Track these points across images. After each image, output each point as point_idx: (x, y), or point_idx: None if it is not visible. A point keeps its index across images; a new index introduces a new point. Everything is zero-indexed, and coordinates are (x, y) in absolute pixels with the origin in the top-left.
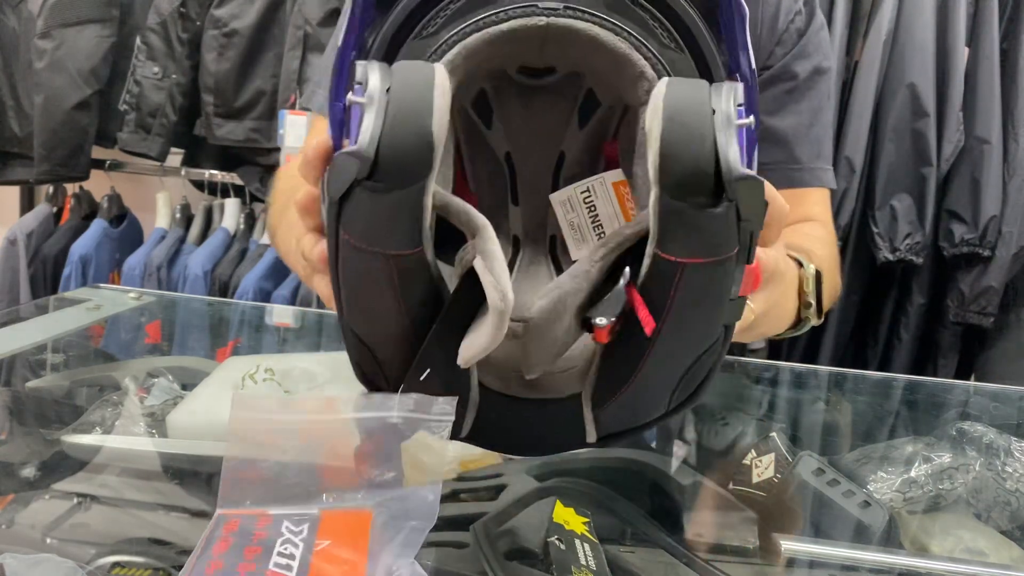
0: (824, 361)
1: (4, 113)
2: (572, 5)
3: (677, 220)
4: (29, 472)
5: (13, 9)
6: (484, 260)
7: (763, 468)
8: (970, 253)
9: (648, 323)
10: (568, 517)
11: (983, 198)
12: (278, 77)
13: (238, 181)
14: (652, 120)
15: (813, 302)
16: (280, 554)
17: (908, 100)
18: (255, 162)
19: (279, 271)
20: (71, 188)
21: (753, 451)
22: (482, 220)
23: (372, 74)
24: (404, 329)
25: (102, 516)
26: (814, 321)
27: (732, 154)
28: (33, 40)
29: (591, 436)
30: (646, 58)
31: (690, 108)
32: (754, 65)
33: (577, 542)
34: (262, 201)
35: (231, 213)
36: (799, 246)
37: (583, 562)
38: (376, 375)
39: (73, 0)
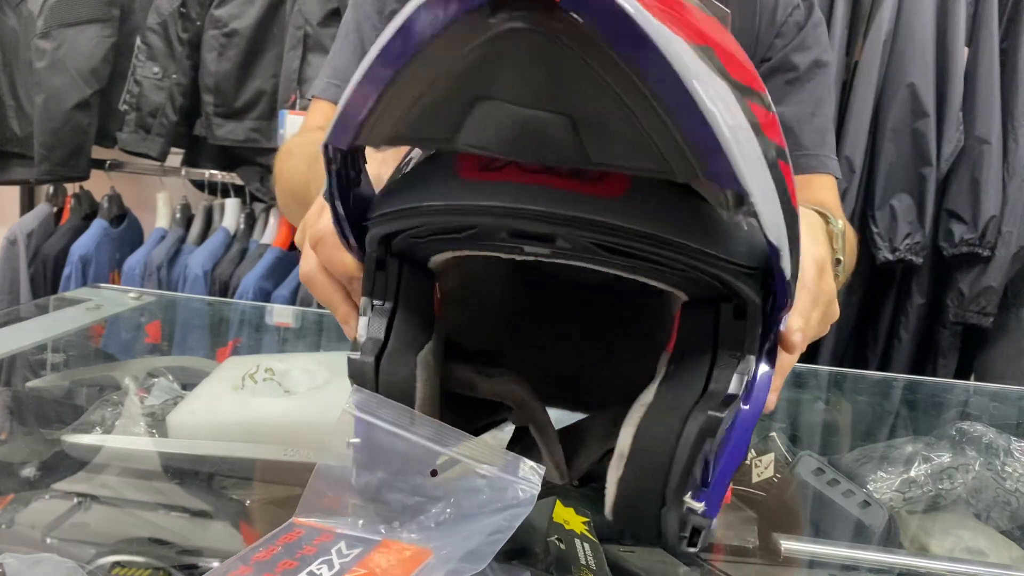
0: (824, 361)
1: (4, 113)
2: (560, 249)
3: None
4: (29, 472)
5: (13, 9)
6: (541, 436)
7: (763, 468)
8: (970, 253)
9: None
10: (568, 517)
11: (983, 198)
12: (278, 77)
13: (238, 181)
14: (615, 466)
15: (842, 258)
16: (310, 573)
17: (908, 100)
18: (255, 162)
19: (279, 271)
20: (71, 188)
21: (753, 451)
22: (519, 393)
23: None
24: None
25: (102, 516)
26: (842, 278)
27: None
28: (33, 40)
29: None
30: (655, 281)
31: (647, 486)
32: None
33: (577, 542)
34: (262, 201)
35: (231, 213)
36: (818, 201)
37: (583, 562)
38: None
39: (73, 0)
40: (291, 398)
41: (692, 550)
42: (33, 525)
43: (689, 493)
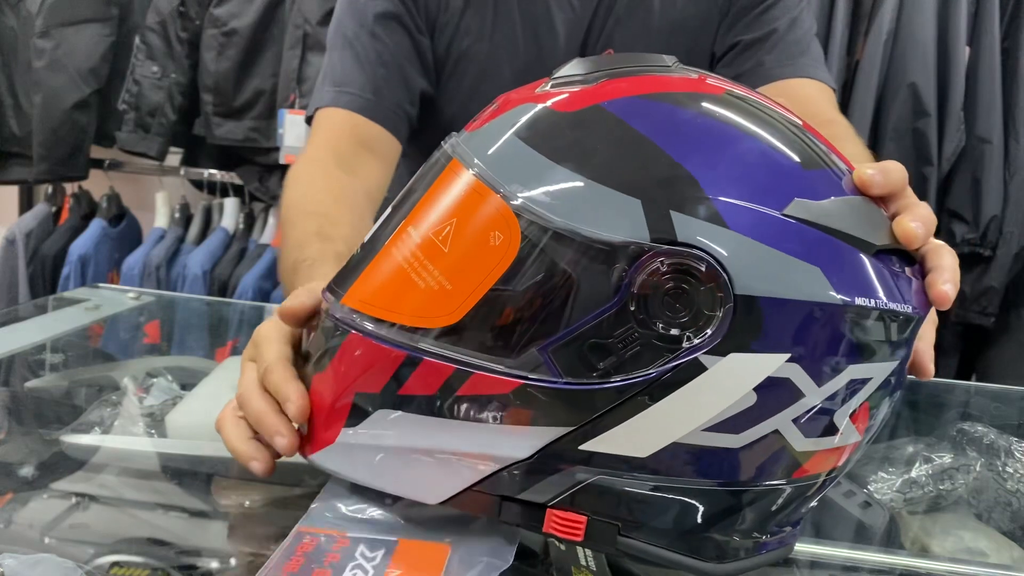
0: None
1: (3, 112)
2: None
3: None
4: (28, 472)
5: (12, 8)
6: None
7: None
8: (971, 253)
9: None
10: None
11: (984, 198)
12: (277, 76)
13: (237, 181)
14: None
15: None
16: None
17: (909, 100)
18: (254, 161)
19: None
20: (70, 188)
21: None
22: None
23: None
24: None
25: (101, 516)
26: None
27: None
28: (32, 39)
29: None
30: None
31: None
32: None
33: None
34: (261, 200)
35: (230, 213)
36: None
37: (583, 562)
38: None
39: None
40: None
41: None
42: (31, 525)
43: None
